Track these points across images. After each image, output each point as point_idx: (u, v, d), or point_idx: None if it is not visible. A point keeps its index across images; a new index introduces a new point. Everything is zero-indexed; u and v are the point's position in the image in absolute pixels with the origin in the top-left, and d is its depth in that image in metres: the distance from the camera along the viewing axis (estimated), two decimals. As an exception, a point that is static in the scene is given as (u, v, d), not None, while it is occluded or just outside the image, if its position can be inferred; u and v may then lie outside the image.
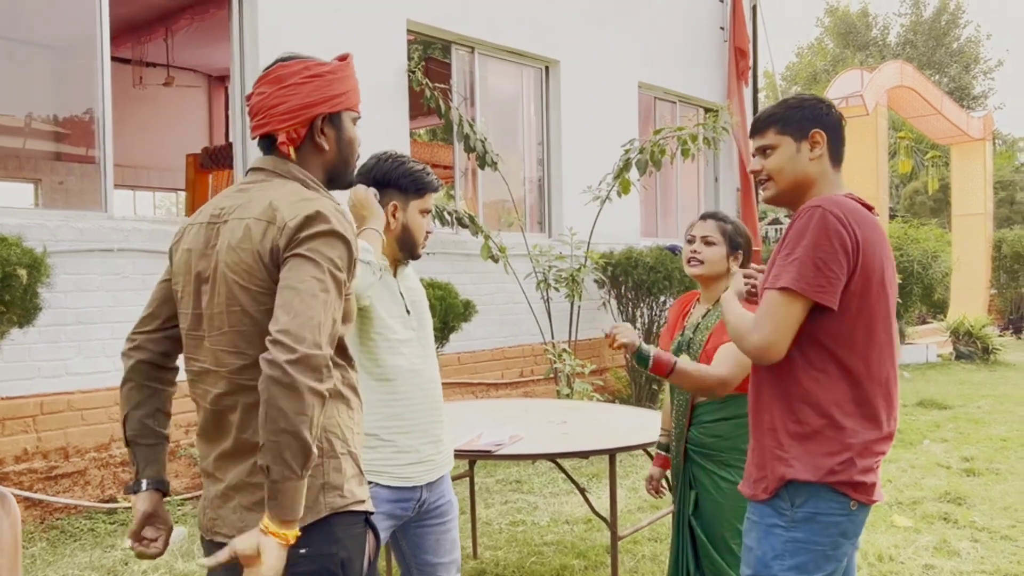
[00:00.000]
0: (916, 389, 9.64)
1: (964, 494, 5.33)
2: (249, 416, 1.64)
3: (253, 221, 1.65)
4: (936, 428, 7.54)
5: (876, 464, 2.01)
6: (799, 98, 2.14)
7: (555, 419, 3.92)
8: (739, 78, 10.69)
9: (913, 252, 12.41)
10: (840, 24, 31.96)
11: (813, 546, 1.96)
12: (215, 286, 1.68)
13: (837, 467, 1.95)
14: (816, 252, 1.90)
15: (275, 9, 6.05)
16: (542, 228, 8.49)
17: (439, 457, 2.50)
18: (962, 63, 30.47)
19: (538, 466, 6.07)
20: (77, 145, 10.34)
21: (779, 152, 2.09)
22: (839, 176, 2.13)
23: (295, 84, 1.74)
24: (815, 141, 2.07)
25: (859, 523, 2.02)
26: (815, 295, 1.90)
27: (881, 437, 2.00)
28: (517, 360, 7.84)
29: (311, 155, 1.80)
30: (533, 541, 4.58)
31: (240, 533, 1.62)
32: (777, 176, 2.11)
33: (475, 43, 7.72)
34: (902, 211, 20.66)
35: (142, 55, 10.22)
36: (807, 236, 1.92)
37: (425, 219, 2.50)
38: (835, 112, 2.12)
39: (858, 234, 1.93)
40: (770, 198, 2.17)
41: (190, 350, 1.76)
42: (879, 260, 1.98)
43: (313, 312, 1.55)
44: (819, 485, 1.95)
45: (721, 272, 2.80)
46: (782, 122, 2.09)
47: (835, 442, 1.95)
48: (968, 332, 12.84)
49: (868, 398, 1.99)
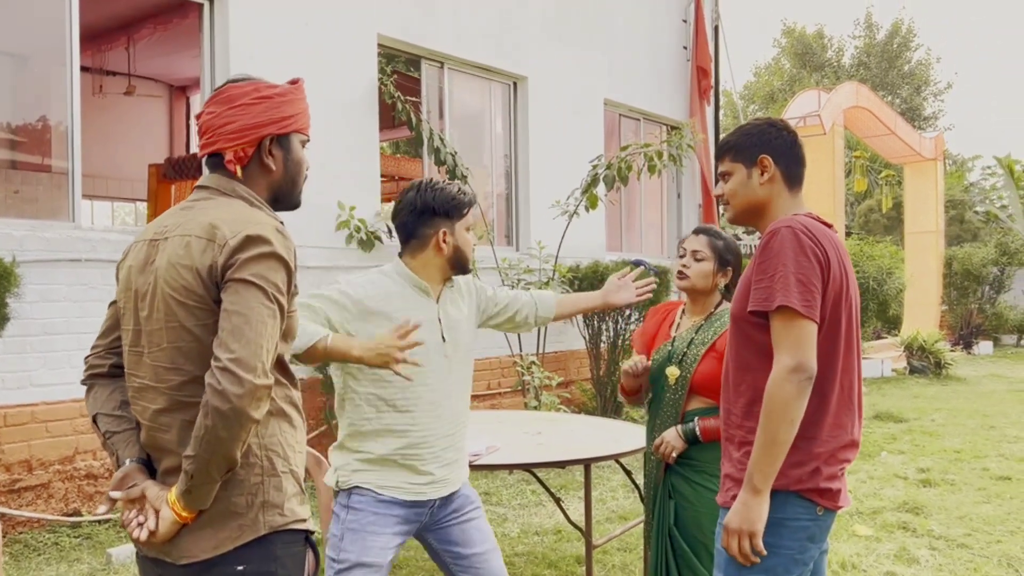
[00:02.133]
0: (872, 402, 9.86)
1: (921, 504, 5.48)
2: (187, 432, 1.65)
3: (194, 239, 1.66)
4: (893, 440, 7.74)
5: (841, 471, 2.08)
6: (752, 123, 2.24)
7: (530, 430, 3.97)
8: (701, 97, 10.90)
9: (868, 268, 12.72)
10: (796, 45, 32.66)
11: (782, 550, 2.02)
12: (153, 302, 1.69)
13: (804, 476, 2.02)
14: (798, 270, 1.97)
15: (246, 21, 6.05)
16: (509, 242, 8.56)
17: (453, 476, 2.57)
18: (913, 85, 31.31)
19: (506, 478, 6.11)
20: (33, 153, 10.17)
21: (733, 179, 2.22)
22: (797, 196, 2.21)
23: (244, 104, 1.76)
24: (763, 167, 2.17)
25: (825, 527, 2.08)
26: (806, 313, 1.95)
27: (846, 444, 2.08)
28: (484, 372, 7.87)
29: (258, 175, 1.82)
30: (504, 552, 4.61)
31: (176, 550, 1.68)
32: (733, 200, 2.24)
33: (444, 58, 7.78)
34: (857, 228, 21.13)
35: (103, 63, 10.11)
36: (784, 255, 1.99)
37: (471, 233, 2.58)
38: (786, 135, 2.20)
39: (827, 251, 2.02)
40: (730, 219, 2.30)
41: (131, 366, 1.77)
42: (842, 274, 2.06)
43: (262, 340, 1.59)
44: (787, 493, 2.02)
45: (708, 287, 2.87)
46: (735, 150, 2.22)
47: (802, 452, 2.01)
48: (921, 347, 13.17)
49: (834, 408, 2.06)
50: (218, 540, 1.66)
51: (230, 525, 1.67)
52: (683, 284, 2.89)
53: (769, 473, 1.96)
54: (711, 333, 2.81)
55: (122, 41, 9.36)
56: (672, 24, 10.83)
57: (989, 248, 18.18)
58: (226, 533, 1.67)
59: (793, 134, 2.22)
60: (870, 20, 32.21)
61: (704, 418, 2.73)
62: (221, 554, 1.66)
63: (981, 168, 29.42)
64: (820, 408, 2.04)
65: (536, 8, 8.64)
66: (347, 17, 6.79)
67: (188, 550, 1.67)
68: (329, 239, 6.47)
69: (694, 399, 2.80)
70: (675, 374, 2.81)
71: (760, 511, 1.96)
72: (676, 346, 2.87)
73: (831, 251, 2.03)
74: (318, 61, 6.53)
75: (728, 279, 2.89)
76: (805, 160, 2.23)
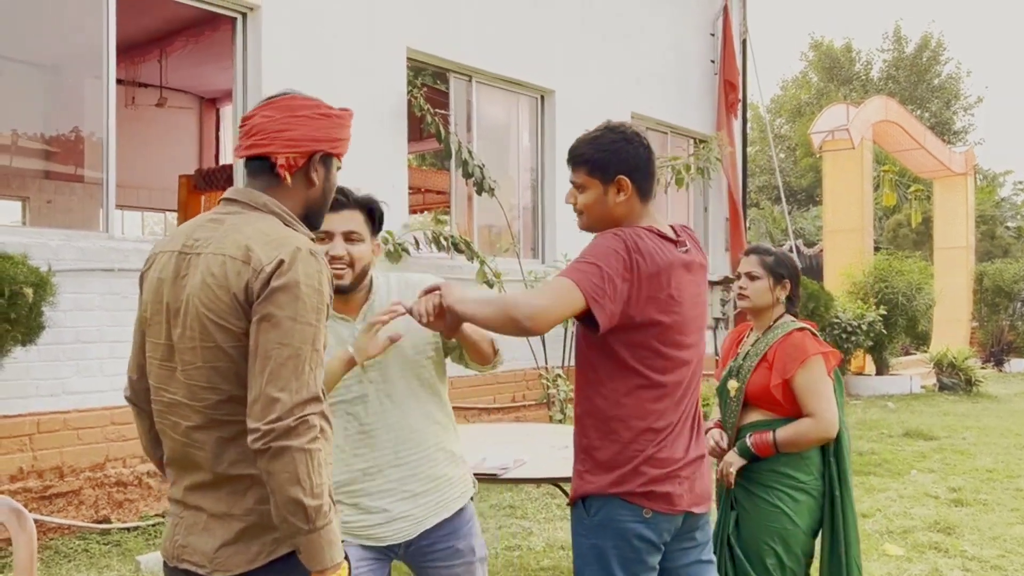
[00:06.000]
0: (901, 420, 9.74)
1: (953, 524, 5.39)
2: (222, 449, 1.66)
3: (229, 259, 1.64)
4: (923, 459, 7.63)
5: (673, 474, 2.13)
6: (606, 139, 2.20)
7: (557, 443, 3.96)
8: (728, 110, 10.87)
9: (898, 284, 12.58)
10: (824, 59, 32.48)
11: (608, 550, 2.12)
12: (186, 319, 1.67)
13: (621, 479, 2.11)
14: (604, 262, 2.04)
15: (277, 34, 6.12)
16: (535, 254, 8.57)
17: (420, 511, 2.34)
18: (943, 99, 31.01)
19: (531, 491, 6.09)
20: (66, 163, 10.34)
21: (588, 193, 2.22)
22: (648, 208, 2.25)
23: (306, 116, 1.77)
24: (621, 187, 2.18)
25: (664, 528, 2.14)
26: (591, 301, 2.01)
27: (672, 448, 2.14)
28: (509, 385, 7.87)
29: (300, 187, 1.81)
30: (529, 566, 4.60)
31: (211, 563, 1.66)
32: (588, 213, 2.25)
33: (473, 72, 7.83)
34: (885, 243, 20.92)
35: (136, 75, 10.28)
36: (596, 248, 2.09)
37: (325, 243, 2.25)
38: (642, 151, 2.21)
39: (643, 259, 2.07)
40: (584, 228, 2.31)
41: (160, 381, 1.75)
42: (666, 283, 2.11)
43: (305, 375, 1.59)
44: (606, 496, 2.12)
45: (768, 303, 2.99)
46: (590, 165, 2.19)
47: (618, 456, 2.11)
48: (951, 364, 12.98)
49: (655, 414, 2.12)
50: (252, 554, 1.66)
51: (264, 539, 1.67)
52: (745, 305, 3.03)
53: (467, 315, 2.07)
54: (764, 344, 2.92)
55: (155, 54, 9.51)
56: (700, 37, 10.82)
57: (1021, 264, 17.92)
58: (259, 547, 1.67)
59: (648, 148, 2.24)
60: (899, 33, 31.96)
61: (755, 433, 2.85)
62: (256, 568, 1.66)
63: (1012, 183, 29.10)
64: (634, 412, 2.11)
65: (564, 22, 8.68)
66: (377, 30, 6.85)
67: (224, 563, 1.67)
68: (357, 250, 6.50)
69: (750, 411, 2.92)
70: (735, 387, 2.94)
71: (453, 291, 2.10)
72: (737, 361, 3.00)
73: (648, 261, 2.08)
74: (348, 74, 6.59)
75: (788, 291, 3.01)
76: (655, 171, 2.27)
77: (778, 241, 22.47)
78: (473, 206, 8.03)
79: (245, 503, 1.67)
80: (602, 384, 2.15)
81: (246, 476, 1.66)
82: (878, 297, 12.44)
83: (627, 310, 2.06)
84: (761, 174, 28.78)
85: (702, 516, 2.24)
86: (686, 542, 2.23)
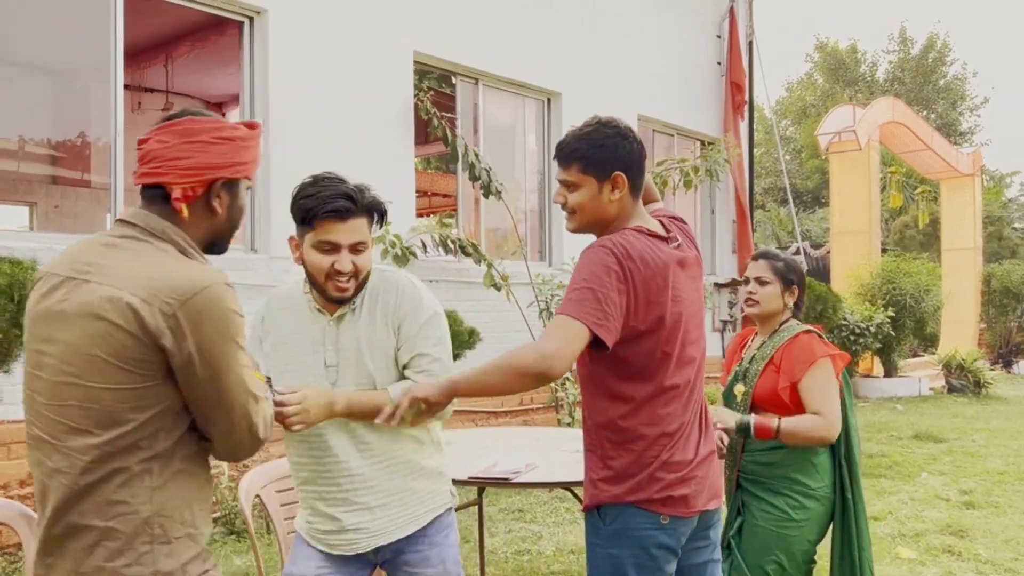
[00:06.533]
0: (910, 422, 9.69)
1: (966, 527, 5.36)
2: (75, 499, 1.53)
3: (128, 294, 1.51)
4: (933, 461, 7.58)
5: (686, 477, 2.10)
6: (601, 134, 2.14)
7: (567, 447, 3.94)
8: (735, 112, 10.85)
9: (905, 285, 12.54)
10: (829, 60, 32.44)
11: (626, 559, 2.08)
12: (65, 352, 1.53)
13: (637, 487, 2.07)
14: (598, 285, 1.98)
15: (284, 38, 6.12)
16: (542, 257, 8.55)
17: (375, 524, 2.24)
18: (949, 100, 30.93)
19: (540, 495, 6.07)
20: (73, 169, 10.37)
21: (582, 191, 2.14)
22: (638, 205, 2.20)
23: (204, 142, 1.63)
24: (616, 184, 2.12)
25: (681, 533, 2.11)
26: (595, 327, 1.96)
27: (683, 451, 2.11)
28: (517, 388, 7.84)
29: (201, 217, 1.68)
30: (540, 570, 4.58)
31: None
32: (580, 212, 2.17)
33: (479, 75, 7.82)
34: (892, 244, 20.86)
35: (142, 81, 10.29)
36: (585, 270, 2.02)
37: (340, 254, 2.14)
38: (636, 147, 2.16)
39: (637, 270, 2.02)
40: (574, 230, 2.24)
41: (29, 411, 1.61)
42: (663, 285, 2.07)
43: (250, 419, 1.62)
44: (622, 505, 2.09)
45: (778, 309, 2.94)
46: (584, 161, 2.12)
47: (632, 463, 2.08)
48: (960, 365, 12.93)
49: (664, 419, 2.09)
50: None
51: None
52: (754, 311, 2.96)
53: (461, 389, 2.00)
54: (771, 348, 2.88)
55: (160, 58, 9.53)
56: (706, 40, 10.80)
57: (1029, 265, 17.87)
58: None
59: (641, 144, 2.19)
60: (904, 35, 31.91)
61: (762, 416, 2.80)
62: None
63: (1020, 184, 29.02)
64: (647, 419, 2.08)
65: (570, 24, 8.67)
66: (384, 34, 6.85)
67: None
68: (364, 254, 6.49)
69: (759, 414, 2.87)
70: (741, 391, 2.90)
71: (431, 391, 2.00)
72: (743, 365, 2.96)
73: (642, 268, 2.03)
74: (355, 77, 6.59)
75: (796, 296, 2.96)
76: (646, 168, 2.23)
77: (784, 243, 22.41)
78: (480, 209, 8.02)
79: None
80: (613, 395, 2.11)
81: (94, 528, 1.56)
82: (886, 299, 12.39)
83: (629, 321, 2.03)
84: (767, 176, 28.72)
85: (715, 512, 2.22)
86: (700, 541, 2.20)
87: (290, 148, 6.09)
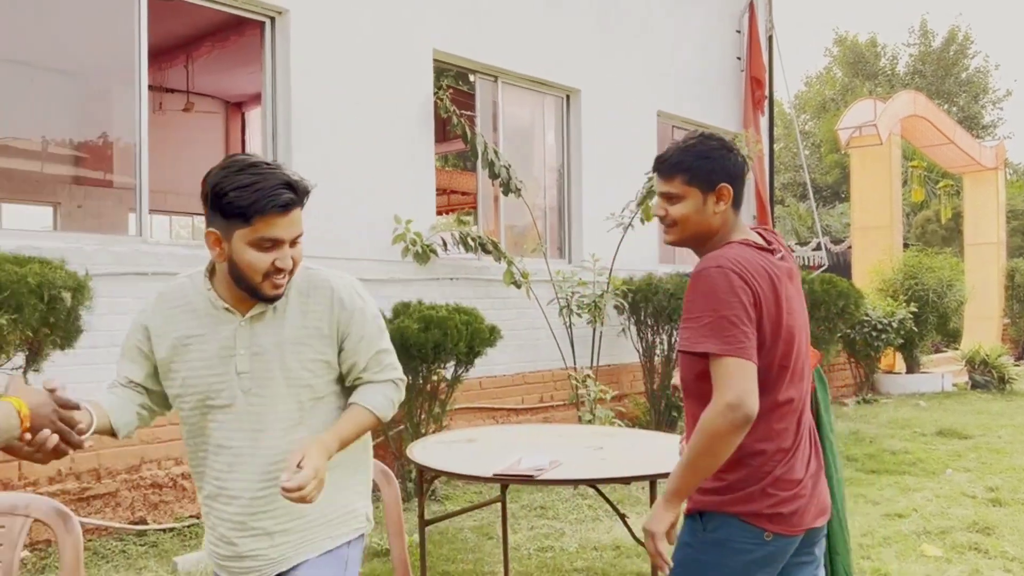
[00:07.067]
0: (934, 418, 9.61)
1: (992, 524, 5.31)
2: None
3: None
4: (958, 457, 7.52)
5: (798, 495, 2.05)
6: (706, 146, 2.14)
7: (590, 444, 3.94)
8: (755, 107, 10.79)
9: (928, 281, 12.42)
10: (849, 54, 32.18)
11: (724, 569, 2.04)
12: None
13: (746, 499, 2.02)
14: (728, 310, 1.94)
15: (305, 38, 6.15)
16: (562, 254, 8.55)
17: (275, 551, 2.02)
18: (971, 93, 30.62)
19: (562, 492, 6.07)
20: (96, 169, 10.47)
21: (686, 203, 2.13)
22: (739, 218, 2.19)
23: None
24: (721, 195, 2.12)
25: (779, 551, 2.05)
26: (734, 352, 1.93)
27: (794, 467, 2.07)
28: (537, 385, 7.86)
29: None
30: (563, 567, 4.59)
31: None
32: (683, 225, 2.15)
33: (498, 72, 7.82)
34: (913, 239, 20.67)
35: (163, 81, 10.39)
36: (712, 297, 1.97)
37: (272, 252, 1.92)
38: (739, 160, 2.16)
39: (759, 284, 1.99)
40: (673, 242, 2.22)
41: None
42: (777, 306, 2.04)
43: None
44: (728, 515, 2.04)
45: None
46: (690, 173, 2.11)
47: (744, 477, 2.03)
48: (984, 361, 12.79)
49: (778, 433, 2.05)
50: None
51: None
52: None
53: (680, 489, 2.01)
54: None
55: (181, 59, 9.62)
56: (725, 35, 10.74)
57: (1053, 260, 17.65)
58: None
59: (742, 156, 2.19)
60: (925, 27, 31.61)
61: None
62: None
63: (1043, 177, 28.63)
64: (764, 435, 2.03)
65: (589, 21, 8.65)
66: (404, 33, 6.87)
67: None
68: (385, 252, 6.53)
69: None
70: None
71: (664, 516, 2.01)
72: None
73: (763, 283, 2.01)
74: (376, 76, 6.61)
75: None
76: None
77: (804, 239, 22.28)
78: (499, 207, 8.03)
79: None
80: None
81: None
82: (908, 294, 12.28)
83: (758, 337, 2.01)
84: (786, 171, 28.56)
85: (821, 529, 2.18)
86: (804, 556, 2.15)
87: (312, 148, 6.13)
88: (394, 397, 2.17)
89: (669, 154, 2.16)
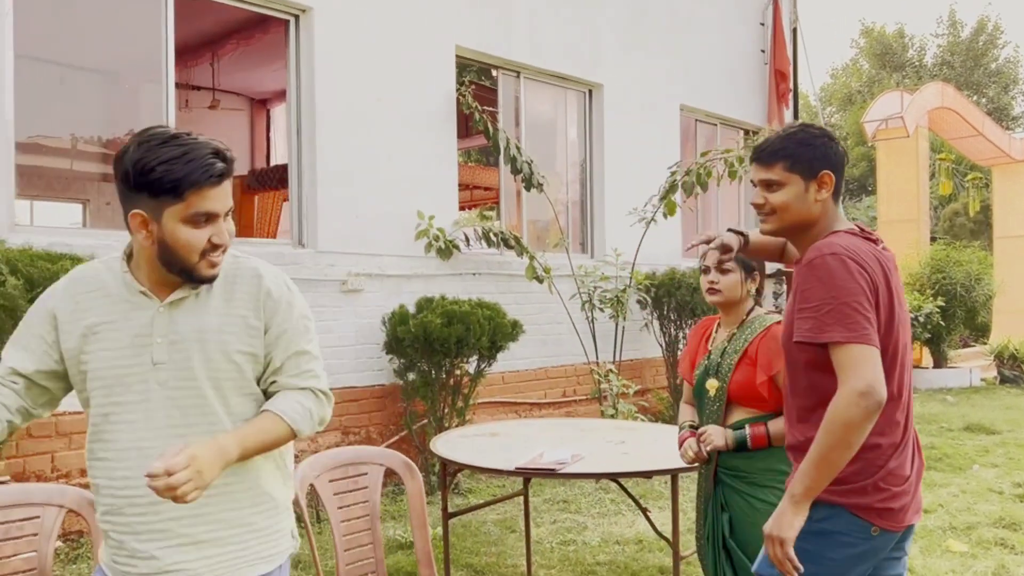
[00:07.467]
0: (962, 413, 9.52)
1: (1019, 520, 5.27)
2: None
3: None
4: (985, 453, 7.45)
5: (906, 490, 2.04)
6: (808, 134, 2.12)
7: (612, 439, 3.96)
8: (780, 101, 10.70)
9: (956, 275, 12.30)
10: (876, 45, 31.82)
11: (825, 561, 2.01)
12: None
13: (857, 492, 2.00)
14: (849, 297, 1.93)
15: (329, 35, 6.20)
16: (584, 249, 8.55)
17: (200, 564, 1.79)
18: (1001, 84, 30.17)
19: (584, 486, 6.09)
20: (124, 166, 10.60)
21: (787, 190, 2.10)
22: (839, 208, 2.17)
23: None
24: (823, 183, 2.10)
25: (881, 546, 2.04)
26: (860, 339, 1.91)
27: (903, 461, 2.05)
28: (560, 380, 7.88)
29: None
30: (586, 561, 4.61)
31: None
32: (783, 213, 2.13)
33: (521, 68, 7.83)
34: (941, 233, 20.44)
35: (189, 79, 10.50)
36: (832, 284, 1.94)
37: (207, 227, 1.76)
38: (841, 149, 2.14)
39: (874, 272, 1.98)
40: (771, 231, 2.19)
41: None
42: (890, 295, 2.02)
43: None
44: (838, 507, 2.01)
45: (740, 297, 2.87)
46: (792, 159, 2.09)
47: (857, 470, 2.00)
48: (1013, 356, 12.64)
49: (891, 427, 2.03)
50: None
51: None
52: (715, 299, 2.88)
53: (812, 488, 1.95)
54: (743, 341, 2.80)
55: (207, 57, 9.71)
56: (749, 27, 10.67)
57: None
58: None
59: (843, 146, 2.17)
60: (953, 18, 31.19)
61: (751, 425, 2.71)
62: None
63: (1075, 169, 28.15)
64: (879, 428, 1.99)
65: (611, 15, 8.63)
66: (426, 29, 6.90)
67: None
68: (409, 248, 6.57)
69: (734, 409, 2.79)
70: (715, 386, 2.81)
71: (793, 520, 1.95)
72: (712, 358, 2.86)
73: (878, 272, 1.99)
74: (399, 73, 6.65)
75: (756, 283, 2.89)
76: None
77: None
78: (522, 202, 8.04)
79: None
80: None
81: None
82: (935, 288, 12.17)
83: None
84: (811, 164, 28.29)
85: (913, 526, 2.16)
86: (897, 551, 2.14)
87: (336, 144, 6.18)
88: (313, 408, 1.88)
89: (769, 141, 2.14)
